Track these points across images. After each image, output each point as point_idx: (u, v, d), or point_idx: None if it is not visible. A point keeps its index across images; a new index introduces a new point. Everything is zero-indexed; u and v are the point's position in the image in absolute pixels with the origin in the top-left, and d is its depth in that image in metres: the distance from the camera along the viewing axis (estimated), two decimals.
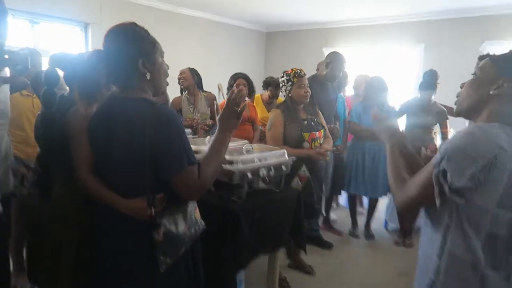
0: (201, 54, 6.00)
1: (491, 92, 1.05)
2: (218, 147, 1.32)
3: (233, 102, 1.32)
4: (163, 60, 1.35)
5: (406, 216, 1.06)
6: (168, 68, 1.37)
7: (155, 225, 1.23)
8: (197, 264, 1.44)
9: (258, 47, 7.10)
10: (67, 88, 1.70)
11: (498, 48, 4.45)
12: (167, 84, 1.41)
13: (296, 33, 6.69)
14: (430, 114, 3.52)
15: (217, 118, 1.36)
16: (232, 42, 6.57)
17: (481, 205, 0.99)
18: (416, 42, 5.42)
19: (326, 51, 4.50)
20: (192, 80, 3.56)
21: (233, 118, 1.33)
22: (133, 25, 1.29)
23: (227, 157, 1.99)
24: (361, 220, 3.94)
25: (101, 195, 1.30)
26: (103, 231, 1.33)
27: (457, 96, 1.17)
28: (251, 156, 2.07)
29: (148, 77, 1.27)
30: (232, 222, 1.97)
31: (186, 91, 3.60)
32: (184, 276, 1.36)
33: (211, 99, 3.65)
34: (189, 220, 1.33)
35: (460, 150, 0.98)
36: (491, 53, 1.98)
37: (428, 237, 1.13)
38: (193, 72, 3.60)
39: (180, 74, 3.60)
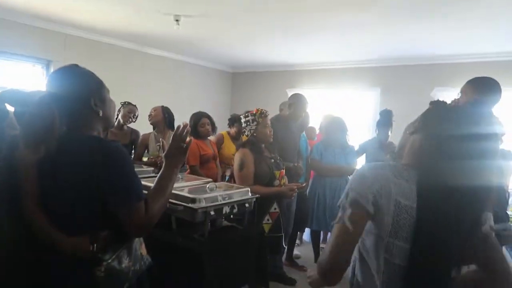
0: (168, 92, 6.12)
1: (408, 133, 1.18)
2: (165, 183, 1.34)
3: (179, 138, 1.37)
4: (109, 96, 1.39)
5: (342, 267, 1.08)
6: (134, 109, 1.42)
7: (97, 261, 1.22)
8: None
9: (224, 87, 7.31)
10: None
11: (446, 93, 4.85)
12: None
13: (261, 74, 6.97)
14: (387, 152, 3.73)
15: (163, 154, 1.40)
16: (198, 81, 6.75)
17: (376, 232, 1.07)
18: (373, 86, 5.80)
19: (290, 92, 4.74)
20: (161, 118, 3.62)
21: (179, 154, 1.38)
22: (76, 66, 1.33)
23: (190, 195, 2.04)
24: None
25: (44, 232, 1.24)
26: (44, 268, 1.27)
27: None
28: (215, 194, 2.13)
29: (100, 114, 1.31)
30: (195, 263, 1.98)
31: (156, 129, 3.66)
32: None
33: None
34: (134, 256, 1.33)
35: (354, 186, 1.08)
36: (441, 98, 2.21)
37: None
38: (165, 110, 3.68)
39: (152, 110, 3.66)
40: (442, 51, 4.94)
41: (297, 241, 4.52)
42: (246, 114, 2.87)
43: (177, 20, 3.78)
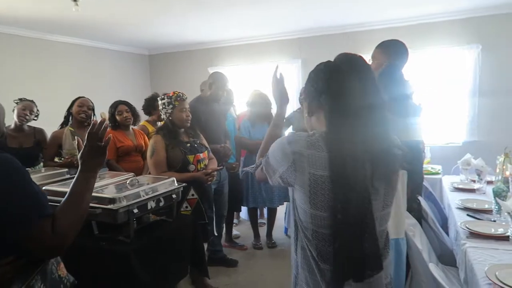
0: (83, 82, 5.58)
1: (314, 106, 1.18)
2: (79, 192, 1.15)
3: (95, 136, 1.18)
4: None
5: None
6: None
7: None
8: None
9: (142, 71, 6.88)
10: None
11: None
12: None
13: (180, 54, 6.67)
14: None
15: (78, 156, 1.20)
16: (113, 67, 6.25)
17: (302, 205, 1.07)
18: (294, 58, 5.86)
19: (212, 71, 4.58)
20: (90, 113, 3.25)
21: (96, 155, 1.19)
22: None
23: (108, 195, 1.85)
24: (264, 231, 4.05)
25: None
26: None
27: None
28: (137, 190, 1.97)
29: None
30: (124, 266, 1.82)
31: (71, 123, 3.24)
32: None
33: None
34: (50, 281, 1.15)
35: (270, 157, 1.13)
36: None
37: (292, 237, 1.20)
38: (92, 103, 3.29)
39: (82, 105, 3.21)
40: (357, 19, 5.10)
41: (235, 221, 4.52)
42: (162, 97, 2.74)
43: (74, 0, 3.35)
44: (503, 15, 4.61)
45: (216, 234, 2.98)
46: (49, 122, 3.41)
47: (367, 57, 2.15)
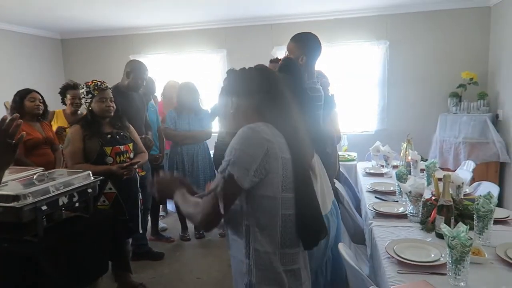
0: None
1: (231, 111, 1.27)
2: None
3: (4, 133, 1.06)
4: None
5: (212, 225, 1.12)
6: None
7: None
8: None
9: (54, 57, 6.26)
10: None
11: (284, 52, 5.19)
12: None
13: (98, 39, 6.22)
14: None
15: None
16: (17, 52, 5.56)
17: (271, 195, 1.13)
18: (218, 48, 5.82)
19: (134, 58, 4.35)
20: None
21: (5, 153, 1.08)
22: None
23: (10, 193, 1.69)
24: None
25: None
26: None
27: None
28: (45, 186, 1.82)
29: None
30: (31, 268, 1.68)
31: None
32: None
33: None
34: None
35: (239, 151, 1.10)
36: (280, 57, 2.35)
37: (236, 246, 1.22)
38: None
39: None
40: (278, 12, 5.22)
41: (162, 213, 4.42)
42: (82, 86, 2.60)
43: None
44: (410, 14, 5.07)
45: (141, 231, 2.87)
46: None
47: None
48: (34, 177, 1.88)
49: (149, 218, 3.56)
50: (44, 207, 1.74)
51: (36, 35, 5.92)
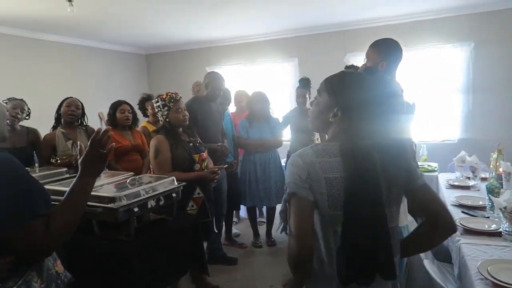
0: (75, 82, 5.52)
1: (330, 120, 1.18)
2: (77, 195, 1.18)
3: (98, 144, 1.20)
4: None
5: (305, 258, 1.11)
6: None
7: None
8: None
9: (139, 71, 6.87)
10: None
11: (358, 58, 5.06)
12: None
13: (177, 53, 6.68)
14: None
15: (79, 161, 1.22)
16: (108, 67, 6.21)
17: (321, 212, 1.12)
18: (290, 57, 5.88)
19: (210, 70, 4.59)
20: (81, 112, 3.23)
21: (98, 161, 1.21)
22: None
23: (108, 194, 1.88)
24: (263, 229, 4.08)
25: None
26: None
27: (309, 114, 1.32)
28: (137, 189, 1.99)
29: None
30: (123, 266, 1.85)
31: (61, 125, 3.24)
32: None
33: (92, 132, 3.37)
34: (47, 277, 1.17)
35: (290, 173, 1.14)
36: (354, 63, 2.31)
37: None
38: (80, 103, 3.27)
39: (70, 105, 3.17)
40: (350, 18, 5.14)
41: (235, 219, 4.55)
42: (157, 100, 2.75)
43: (69, 0, 3.35)
44: (495, 12, 4.65)
45: (216, 231, 3.01)
46: (40, 121, 3.38)
47: (362, 55, 2.19)
48: (127, 181, 2.08)
49: (223, 223, 3.70)
50: (136, 209, 1.90)
51: (125, 51, 6.55)
